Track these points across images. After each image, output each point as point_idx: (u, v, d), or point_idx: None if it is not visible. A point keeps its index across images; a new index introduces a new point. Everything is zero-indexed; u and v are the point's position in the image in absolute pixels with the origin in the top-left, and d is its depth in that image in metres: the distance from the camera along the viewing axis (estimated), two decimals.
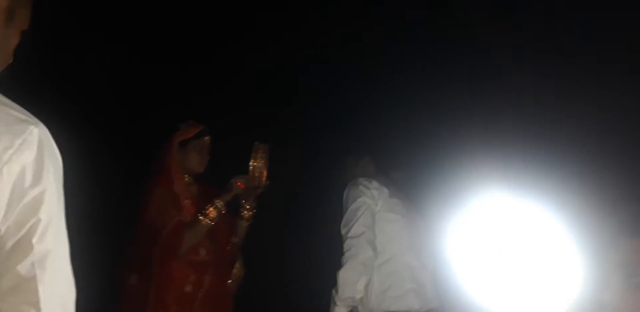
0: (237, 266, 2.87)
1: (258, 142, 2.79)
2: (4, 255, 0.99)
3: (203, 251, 2.72)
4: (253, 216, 2.86)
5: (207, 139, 2.80)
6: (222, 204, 2.71)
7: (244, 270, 2.91)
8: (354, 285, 2.79)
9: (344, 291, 2.78)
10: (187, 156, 2.76)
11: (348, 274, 2.80)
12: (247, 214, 2.84)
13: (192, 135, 2.78)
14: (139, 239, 2.71)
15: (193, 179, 2.82)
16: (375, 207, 2.94)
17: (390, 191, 3.01)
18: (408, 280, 2.93)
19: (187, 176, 2.79)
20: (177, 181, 2.75)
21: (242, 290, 2.92)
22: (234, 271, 2.86)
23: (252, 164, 2.76)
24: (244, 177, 2.76)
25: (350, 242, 2.85)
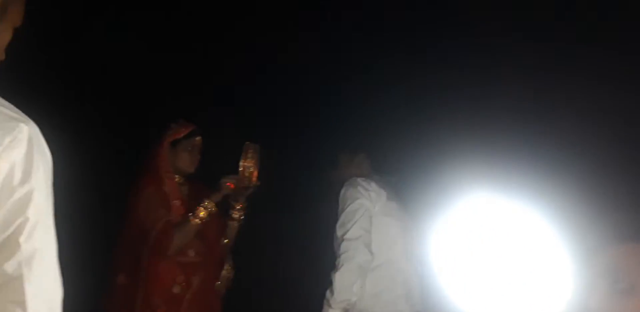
0: (226, 268, 2.87)
1: (248, 142, 2.79)
2: None
3: (192, 252, 2.71)
4: (243, 217, 2.86)
5: (198, 139, 2.80)
6: (211, 204, 2.71)
7: (234, 271, 2.90)
8: (350, 288, 2.74)
9: (340, 294, 2.73)
10: (177, 156, 2.76)
11: (345, 276, 2.74)
12: (237, 214, 2.84)
13: (183, 135, 2.77)
14: (128, 238, 2.70)
15: (184, 179, 2.82)
16: (373, 210, 2.89)
17: (388, 194, 2.96)
18: (399, 285, 2.91)
19: (177, 176, 2.79)
20: (167, 181, 2.75)
21: (231, 291, 2.91)
22: (223, 273, 2.86)
23: (242, 163, 2.75)
24: (234, 177, 2.76)
25: (348, 245, 2.79)
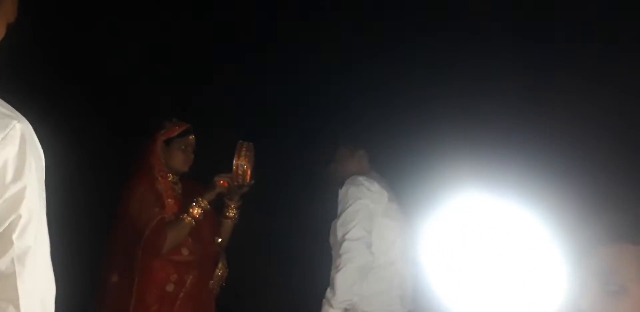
0: (220, 266, 2.86)
1: (242, 140, 2.78)
2: None
3: (186, 251, 2.71)
4: (238, 216, 2.86)
5: (192, 138, 2.79)
6: (205, 202, 2.70)
7: (228, 270, 2.90)
8: (352, 288, 2.73)
9: (342, 294, 2.72)
10: (171, 155, 2.75)
11: (346, 277, 2.72)
12: (231, 213, 2.84)
13: (176, 133, 2.76)
14: (121, 237, 2.69)
15: (178, 178, 2.81)
16: (375, 212, 2.85)
17: (389, 195, 2.93)
18: (396, 287, 2.90)
19: (171, 175, 2.78)
20: (161, 180, 2.74)
21: (225, 291, 2.91)
22: (217, 272, 2.85)
23: (235, 162, 2.74)
24: (227, 176, 2.75)
25: (349, 245, 2.76)
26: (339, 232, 2.81)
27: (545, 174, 2.79)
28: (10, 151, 1.00)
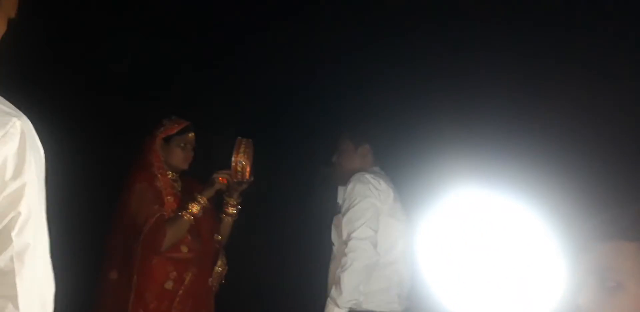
0: (219, 264, 2.86)
1: (241, 137, 2.78)
2: None
3: (185, 248, 2.71)
4: (237, 213, 2.86)
5: (191, 135, 2.79)
6: (203, 199, 2.70)
7: (227, 268, 2.90)
8: (358, 287, 2.71)
9: (349, 294, 2.69)
10: (170, 152, 2.75)
11: (353, 276, 2.69)
12: (231, 210, 2.84)
13: (176, 131, 2.76)
14: (120, 234, 2.70)
15: (177, 175, 2.81)
16: (381, 211, 2.82)
17: (394, 195, 2.90)
18: (395, 285, 2.89)
19: (170, 172, 2.78)
20: (160, 177, 2.74)
21: (224, 288, 2.91)
22: (216, 269, 2.85)
23: (234, 158, 2.73)
24: (226, 172, 2.75)
25: (355, 244, 2.72)
26: (345, 230, 2.77)
27: (544, 171, 2.79)
28: (10, 148, 1.00)
